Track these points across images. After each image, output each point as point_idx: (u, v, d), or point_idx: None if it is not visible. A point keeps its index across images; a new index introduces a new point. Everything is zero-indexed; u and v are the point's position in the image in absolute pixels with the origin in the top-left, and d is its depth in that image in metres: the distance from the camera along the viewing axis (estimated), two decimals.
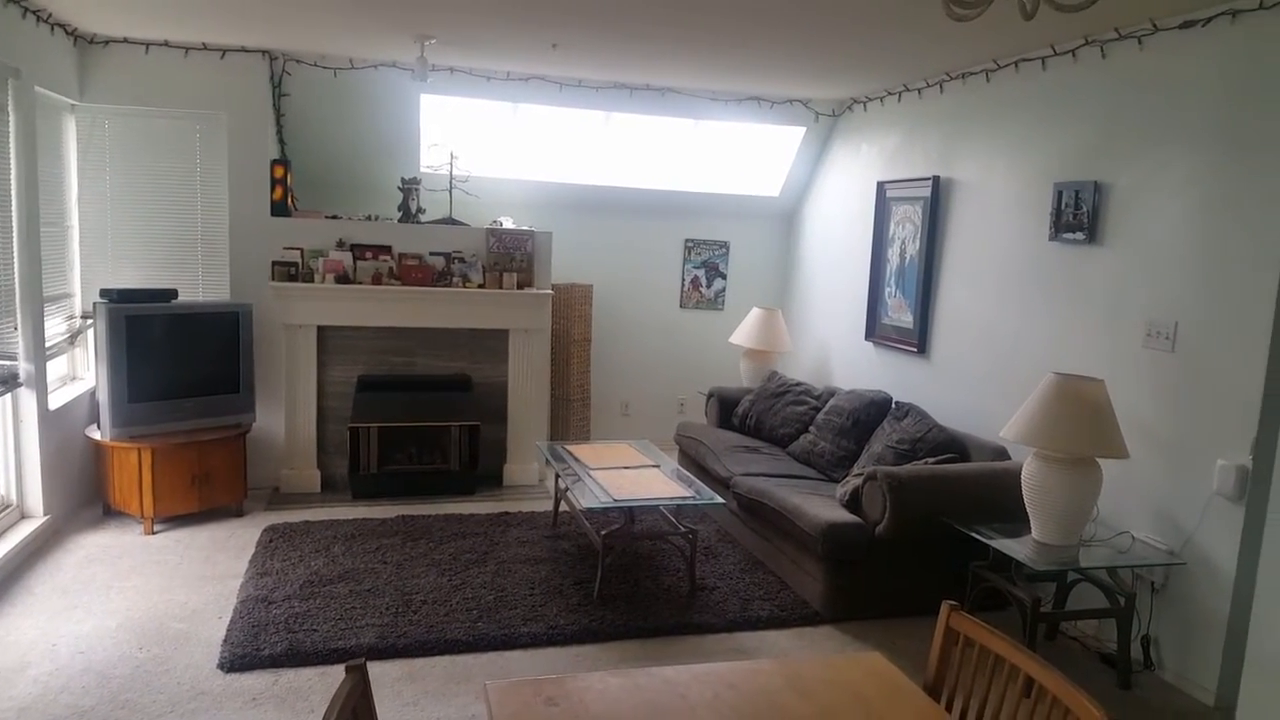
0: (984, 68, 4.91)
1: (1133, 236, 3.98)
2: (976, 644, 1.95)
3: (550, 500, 5.58)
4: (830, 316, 6.55)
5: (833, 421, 5.30)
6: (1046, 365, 4.35)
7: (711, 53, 4.98)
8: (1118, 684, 3.71)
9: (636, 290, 6.97)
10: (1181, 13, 3.70)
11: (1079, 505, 3.70)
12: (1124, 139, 4.03)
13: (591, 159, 6.54)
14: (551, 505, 5.39)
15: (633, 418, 7.06)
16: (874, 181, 5.93)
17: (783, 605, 4.30)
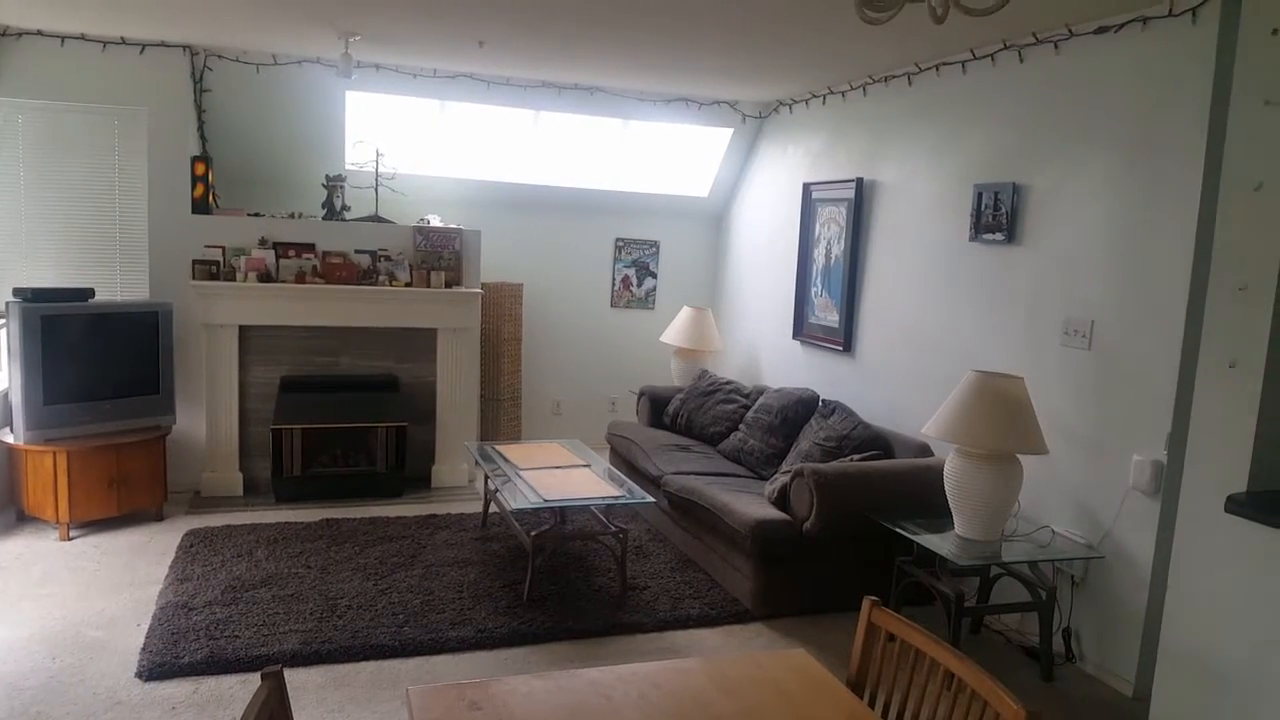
0: (906, 71, 5.00)
1: (1050, 237, 4.09)
2: (898, 639, 1.97)
3: (480, 501, 5.52)
4: (759, 315, 6.60)
5: (762, 420, 5.34)
6: (968, 363, 4.44)
7: (639, 53, 4.98)
8: (1040, 676, 3.80)
9: (567, 289, 6.94)
10: (1096, 19, 3.81)
11: (1000, 501, 3.78)
12: (1041, 141, 4.14)
13: (521, 157, 6.48)
14: (481, 507, 5.32)
15: (564, 417, 7.02)
16: (800, 183, 5.99)
17: (713, 603, 4.31)
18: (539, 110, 6.17)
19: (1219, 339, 2.29)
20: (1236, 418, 2.22)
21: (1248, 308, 2.18)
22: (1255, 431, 2.18)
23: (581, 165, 6.62)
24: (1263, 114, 2.14)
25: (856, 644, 2.04)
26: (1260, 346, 2.15)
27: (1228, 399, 2.25)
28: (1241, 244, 2.21)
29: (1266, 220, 2.14)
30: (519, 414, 6.61)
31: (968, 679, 1.74)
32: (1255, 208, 2.16)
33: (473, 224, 6.19)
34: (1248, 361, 2.18)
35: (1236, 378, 2.20)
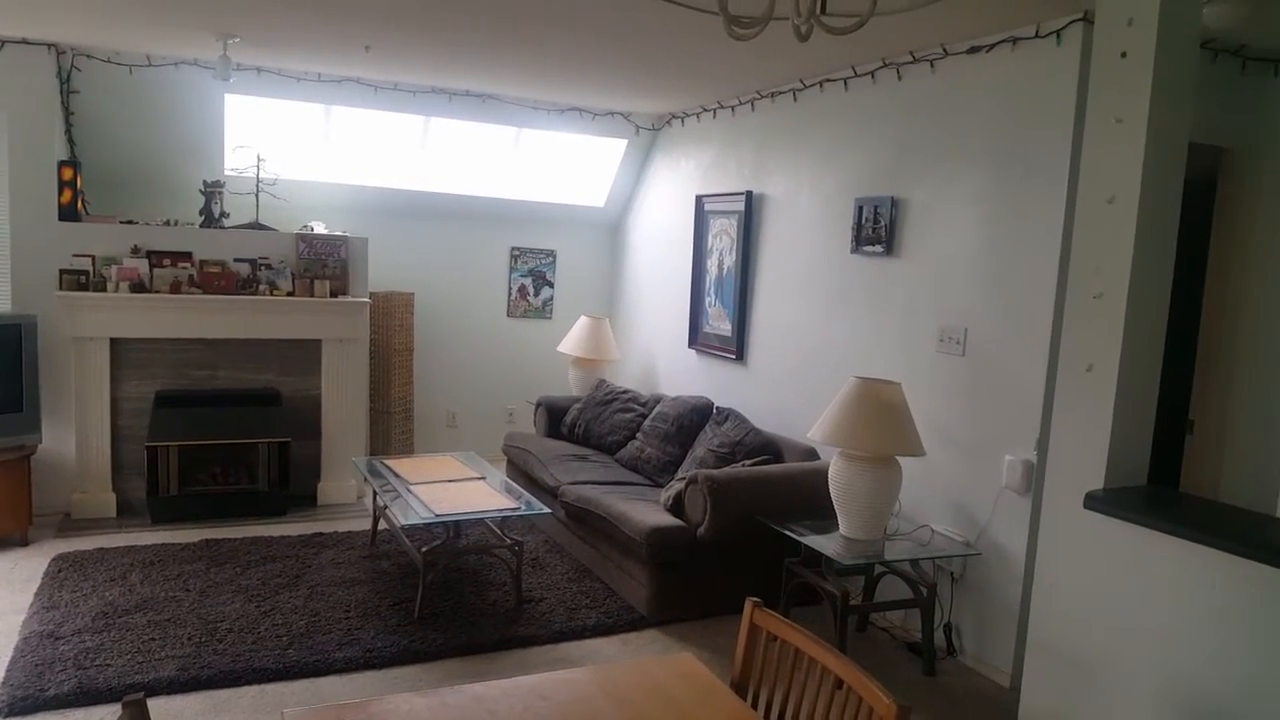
0: (791, 87, 5.13)
1: (926, 248, 4.25)
2: (779, 639, 2.01)
3: (369, 519, 5.38)
4: (656, 325, 6.66)
5: (658, 428, 5.38)
6: (851, 370, 4.58)
7: (531, 62, 4.97)
8: (923, 671, 3.93)
9: (461, 298, 6.85)
10: (969, 38, 3.99)
11: (881, 501, 3.90)
12: (918, 157, 4.30)
13: (411, 163, 6.38)
14: (370, 524, 5.19)
15: (459, 429, 6.92)
16: (693, 195, 6.08)
17: (609, 612, 4.31)
18: (429, 116, 6.09)
19: (1077, 344, 2.42)
20: (1094, 418, 2.35)
21: (1103, 314, 2.31)
22: (1111, 431, 2.31)
23: (475, 173, 6.56)
24: (1114, 131, 2.27)
25: (740, 646, 2.07)
26: (1114, 351, 2.28)
27: (1085, 401, 2.38)
28: (1096, 254, 2.35)
29: (1118, 232, 2.27)
30: (411, 427, 6.49)
31: (844, 676, 1.79)
32: (1108, 220, 2.29)
33: (360, 231, 6.05)
34: (1103, 365, 2.31)
35: (1093, 380, 2.33)
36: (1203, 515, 2.29)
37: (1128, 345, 2.28)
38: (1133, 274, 2.25)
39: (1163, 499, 2.36)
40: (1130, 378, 2.31)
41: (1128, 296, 2.26)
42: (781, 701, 1.96)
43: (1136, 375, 2.33)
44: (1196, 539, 2.09)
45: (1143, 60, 2.21)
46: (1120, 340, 2.28)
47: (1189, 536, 2.10)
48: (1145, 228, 2.25)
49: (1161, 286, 2.30)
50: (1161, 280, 2.30)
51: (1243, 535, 2.07)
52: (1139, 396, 2.34)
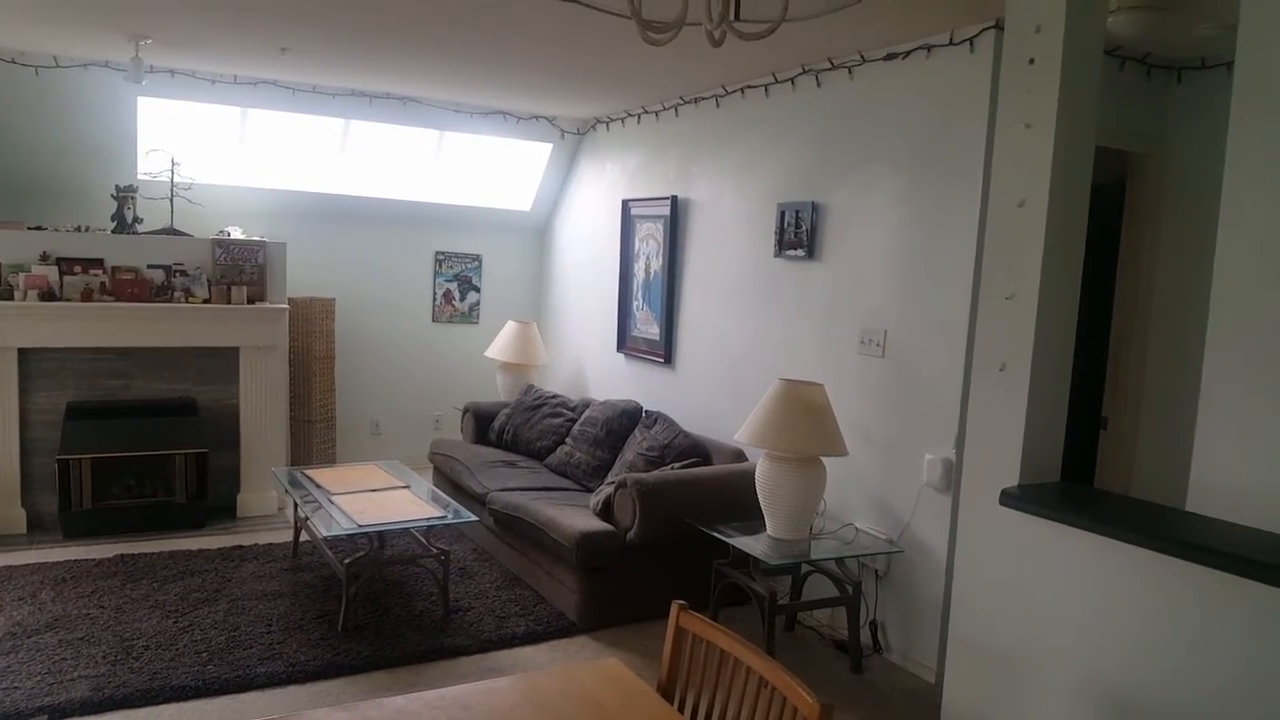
0: (714, 93, 5.18)
1: (846, 252, 4.33)
2: (705, 641, 2.01)
3: (290, 530, 5.25)
4: (584, 329, 6.64)
5: (587, 432, 5.37)
6: (776, 372, 4.63)
7: (451, 65, 4.93)
8: (850, 668, 3.98)
9: (384, 304, 6.73)
10: (885, 46, 4.07)
11: (807, 501, 3.95)
12: (837, 162, 4.38)
13: (331, 167, 6.26)
14: (292, 535, 5.07)
15: (384, 437, 6.79)
16: (619, 199, 6.09)
17: (539, 619, 4.28)
18: (350, 119, 5.98)
19: (990, 344, 2.48)
20: (1007, 417, 2.41)
21: (1015, 315, 2.38)
22: (1024, 429, 2.37)
23: (398, 176, 6.46)
24: (1023, 136, 2.34)
25: (666, 649, 2.07)
26: (1026, 350, 2.35)
27: (999, 400, 2.44)
28: (1007, 256, 2.42)
29: (1028, 234, 2.35)
30: (334, 436, 6.36)
31: (768, 676, 1.80)
32: (1019, 223, 2.36)
33: (278, 236, 5.90)
34: (1016, 364, 2.37)
35: (1007, 379, 2.40)
36: (1113, 510, 2.37)
37: (1039, 345, 2.35)
38: (1043, 275, 2.32)
39: (1075, 495, 2.43)
40: (1042, 376, 2.38)
41: (1038, 297, 2.33)
42: (708, 703, 1.96)
43: (1048, 374, 2.40)
44: (1107, 533, 2.16)
45: (1050, 66, 2.28)
46: (1031, 340, 2.35)
47: (1100, 531, 2.17)
48: (1054, 230, 2.33)
49: (1071, 287, 2.38)
50: (1071, 281, 2.37)
51: (1151, 529, 2.14)
52: (1051, 395, 2.42)
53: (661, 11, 1.64)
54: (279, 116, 5.84)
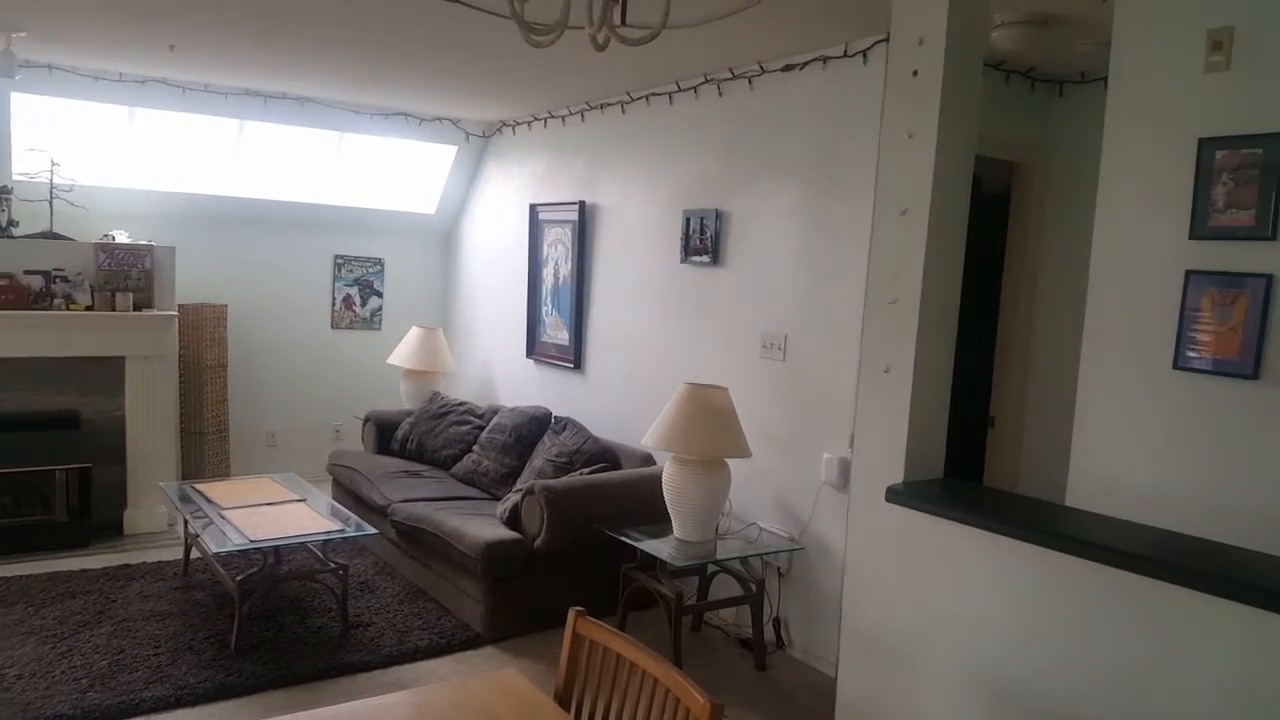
0: (619, 99, 5.19)
1: (749, 259, 4.39)
2: (602, 647, 2.01)
3: (181, 547, 5.04)
4: (493, 335, 6.57)
5: (495, 439, 5.31)
6: (683, 376, 4.65)
7: (349, 66, 4.83)
8: (755, 666, 4.03)
9: (280, 310, 6.51)
10: (783, 57, 4.15)
11: (712, 503, 3.99)
12: (740, 170, 4.44)
13: (224, 168, 6.04)
14: (182, 553, 4.87)
15: (281, 449, 6.57)
16: (527, 203, 6.05)
17: (443, 632, 4.20)
18: (244, 120, 5.80)
19: (875, 347, 2.55)
20: (892, 417, 2.48)
21: (898, 319, 2.45)
22: (908, 428, 2.45)
23: (295, 178, 6.28)
24: (906, 146, 2.41)
25: (563, 657, 2.06)
26: (909, 353, 2.42)
27: (885, 400, 2.51)
28: (892, 262, 2.49)
29: (910, 242, 2.42)
30: (227, 448, 6.13)
31: (661, 678, 1.80)
32: (902, 230, 2.43)
33: (167, 240, 5.65)
34: (900, 366, 2.44)
35: (892, 381, 2.47)
36: (992, 504, 2.46)
37: (921, 347, 2.43)
38: (924, 281, 2.40)
39: (957, 490, 2.52)
40: (924, 378, 2.46)
41: (920, 302, 2.41)
42: (604, 709, 1.95)
43: (930, 375, 2.48)
44: (986, 527, 2.24)
45: (932, 78, 2.35)
46: (914, 343, 2.42)
47: (979, 525, 2.25)
48: (935, 238, 2.41)
49: (951, 292, 2.46)
50: (951, 286, 2.46)
51: (1028, 523, 2.23)
52: (933, 395, 2.49)
53: (544, 13, 1.63)
54: (169, 116, 5.62)
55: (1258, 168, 2.59)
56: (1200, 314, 2.69)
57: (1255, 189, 2.61)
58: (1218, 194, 2.68)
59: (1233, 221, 2.67)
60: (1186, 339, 2.71)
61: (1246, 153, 2.63)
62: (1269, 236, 2.54)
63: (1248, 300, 2.63)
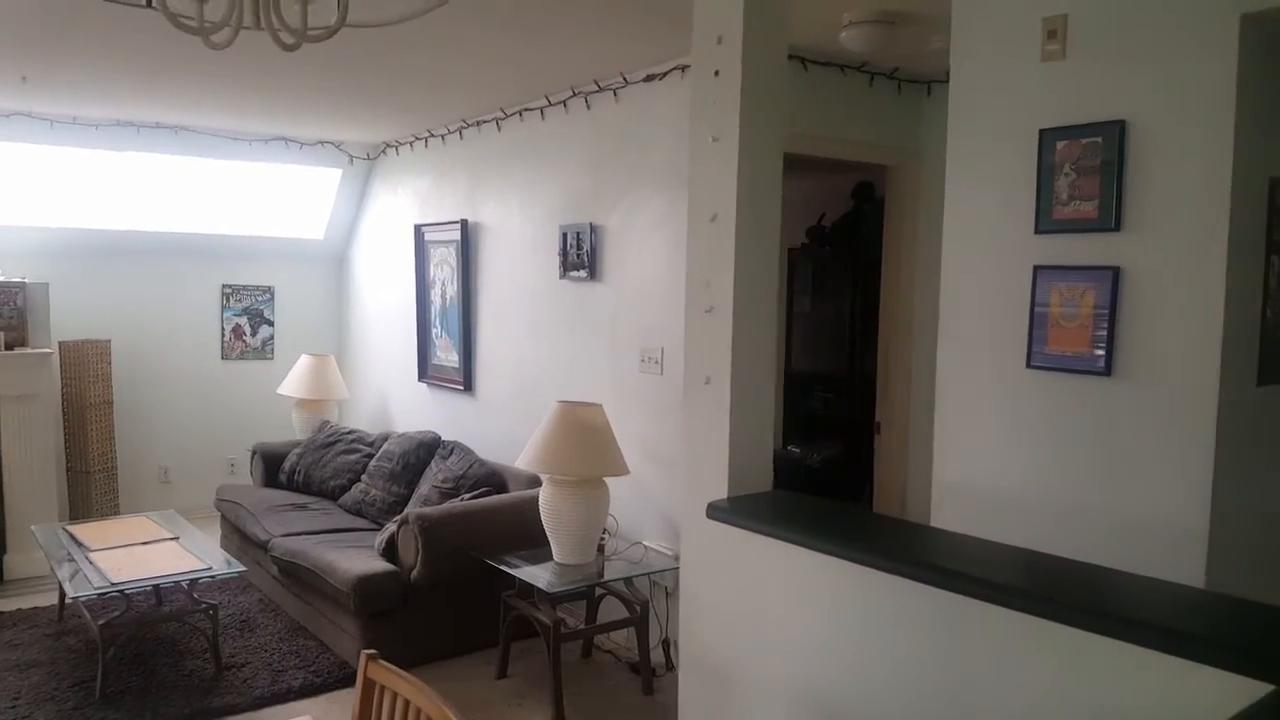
0: (494, 116, 5.11)
1: (625, 272, 4.33)
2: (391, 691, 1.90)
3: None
4: (387, 360, 6.43)
5: (384, 467, 5.16)
6: (566, 394, 4.55)
7: (222, 91, 4.69)
8: (642, 690, 3.93)
9: (168, 343, 6.30)
10: (644, 67, 4.10)
11: (590, 524, 3.89)
12: (611, 183, 4.38)
13: (102, 200, 5.84)
14: (58, 598, 4.65)
15: (174, 485, 6.34)
16: (412, 224, 5.93)
17: (319, 670, 4.05)
18: (120, 150, 5.60)
19: (696, 358, 2.48)
20: (714, 429, 2.41)
21: (715, 328, 2.38)
22: (729, 441, 2.37)
23: (177, 207, 6.09)
24: (712, 150, 2.35)
25: (355, 703, 1.94)
26: (726, 362, 2.35)
27: (707, 412, 2.44)
28: (705, 270, 2.42)
29: (721, 248, 2.36)
30: (115, 486, 5.90)
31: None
32: (713, 237, 2.37)
33: (42, 276, 5.44)
34: (719, 377, 2.37)
35: (712, 393, 2.40)
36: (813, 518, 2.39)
37: (738, 357, 2.36)
38: (736, 288, 2.33)
39: (781, 504, 2.45)
40: (745, 388, 2.39)
41: (733, 310, 2.34)
42: None
43: (751, 385, 2.42)
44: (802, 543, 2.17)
45: (732, 78, 2.30)
46: (730, 353, 2.35)
47: (796, 541, 2.18)
48: (745, 243, 2.35)
49: (767, 299, 2.40)
50: (767, 293, 2.40)
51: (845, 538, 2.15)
52: (756, 405, 2.43)
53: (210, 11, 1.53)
54: (38, 150, 5.41)
55: (1098, 157, 2.55)
56: (1050, 310, 2.65)
57: (1097, 179, 2.56)
58: (1061, 186, 2.63)
59: (1077, 214, 2.62)
60: (1038, 336, 2.67)
61: (1086, 142, 2.59)
62: (1113, 228, 2.50)
63: (1095, 294, 2.59)
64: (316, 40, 1.48)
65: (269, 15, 1.45)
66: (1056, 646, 1.73)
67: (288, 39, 1.48)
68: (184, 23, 1.48)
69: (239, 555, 5.01)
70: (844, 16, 3.46)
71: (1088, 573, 1.98)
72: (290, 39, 1.48)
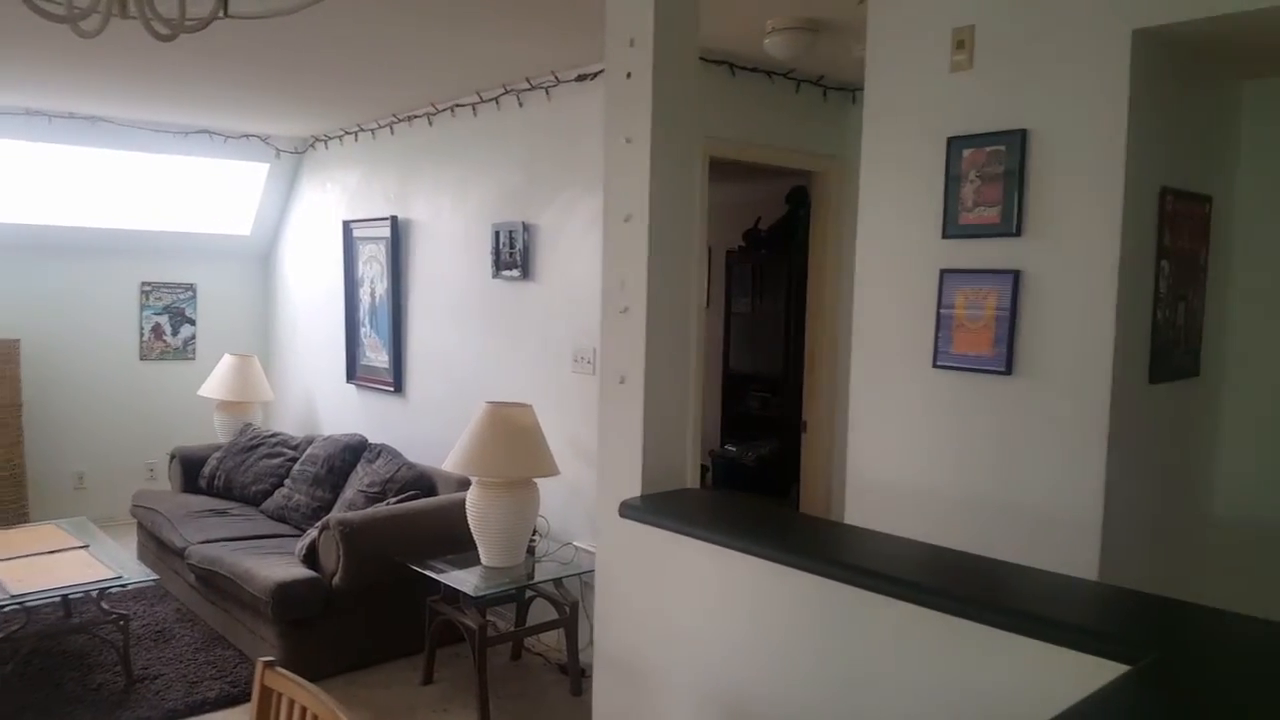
0: (425, 111, 5.04)
1: (557, 272, 4.30)
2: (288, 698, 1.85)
3: None
4: (313, 360, 6.30)
5: (308, 471, 5.05)
6: (499, 395, 4.51)
7: (140, 81, 4.54)
8: (571, 691, 3.91)
9: (83, 342, 6.08)
10: (575, 67, 4.08)
11: (519, 526, 3.86)
12: (543, 182, 4.35)
13: (10, 194, 5.61)
14: None
15: (91, 491, 6.12)
16: (341, 220, 5.82)
17: (237, 681, 3.94)
18: (32, 141, 5.40)
19: (611, 357, 2.48)
20: (629, 429, 2.41)
21: (629, 328, 2.38)
22: (643, 440, 2.38)
23: (94, 201, 5.88)
24: (625, 151, 2.35)
25: (252, 712, 1.89)
26: (640, 362, 2.35)
27: (622, 412, 2.44)
28: (621, 271, 2.42)
29: (635, 248, 2.36)
30: (23, 493, 5.67)
31: None
32: (627, 238, 2.37)
33: None
34: (633, 377, 2.37)
35: (626, 392, 2.39)
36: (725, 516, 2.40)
37: (652, 356, 2.37)
38: (649, 288, 2.34)
39: (693, 502, 2.46)
40: (659, 388, 2.40)
41: (647, 310, 2.34)
42: None
43: (665, 385, 2.42)
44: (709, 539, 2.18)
45: (644, 80, 2.30)
46: (644, 352, 2.35)
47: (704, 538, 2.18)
48: (658, 243, 2.35)
49: (682, 299, 2.40)
50: (682, 293, 2.40)
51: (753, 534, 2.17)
52: (670, 405, 2.43)
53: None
54: None
55: (1001, 165, 2.63)
56: (955, 312, 2.71)
57: (1000, 186, 2.65)
58: (966, 193, 2.72)
59: (981, 219, 2.70)
60: (944, 338, 2.74)
61: (991, 150, 2.67)
62: (1015, 233, 2.58)
63: (997, 297, 2.67)
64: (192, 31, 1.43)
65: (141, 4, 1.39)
66: (947, 636, 1.78)
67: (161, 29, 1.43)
68: (46, 8, 1.41)
69: (155, 564, 4.88)
70: (767, 23, 3.48)
71: (981, 565, 2.04)
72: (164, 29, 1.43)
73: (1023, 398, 2.52)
